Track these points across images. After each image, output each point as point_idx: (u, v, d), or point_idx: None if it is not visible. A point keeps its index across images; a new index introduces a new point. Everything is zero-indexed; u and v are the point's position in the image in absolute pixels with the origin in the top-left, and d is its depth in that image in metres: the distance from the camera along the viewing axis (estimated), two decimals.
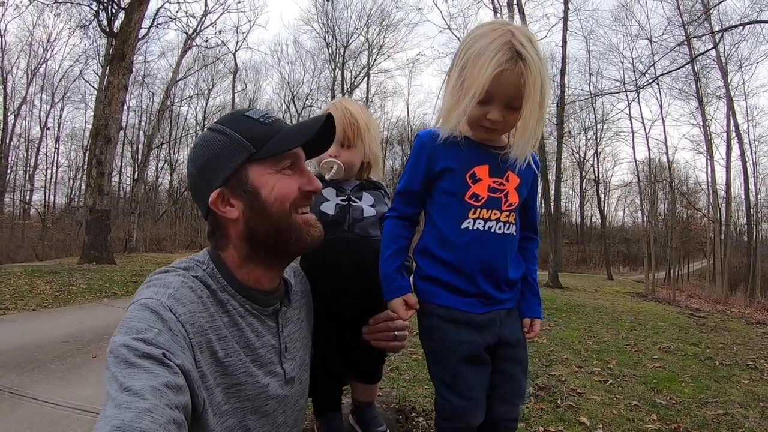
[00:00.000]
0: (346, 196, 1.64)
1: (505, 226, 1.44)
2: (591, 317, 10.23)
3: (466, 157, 1.43)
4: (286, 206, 1.17)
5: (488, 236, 1.42)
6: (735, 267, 24.73)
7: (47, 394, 3.80)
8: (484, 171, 1.43)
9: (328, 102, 1.94)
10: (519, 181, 1.45)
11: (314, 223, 1.25)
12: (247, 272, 1.20)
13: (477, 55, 1.31)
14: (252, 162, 1.15)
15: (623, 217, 49.57)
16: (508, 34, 1.30)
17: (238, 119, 1.20)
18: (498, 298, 1.46)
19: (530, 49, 1.29)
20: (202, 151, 1.19)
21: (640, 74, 21.61)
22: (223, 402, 1.07)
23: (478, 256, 1.42)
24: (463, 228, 1.42)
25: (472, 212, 1.42)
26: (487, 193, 1.42)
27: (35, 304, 7.49)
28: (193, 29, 26.80)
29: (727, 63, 22.86)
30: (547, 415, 4.13)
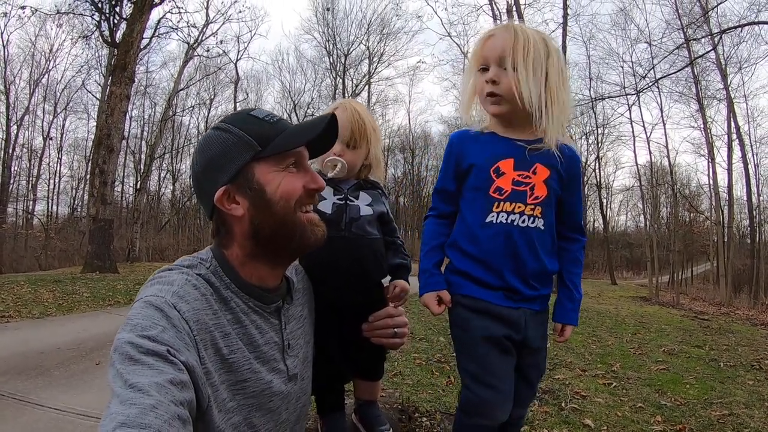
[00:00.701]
0: (343, 195, 1.65)
1: (530, 220, 1.45)
2: (595, 321, 10.20)
3: (490, 152, 1.48)
4: (291, 204, 1.17)
5: (512, 229, 1.44)
6: (738, 269, 24.60)
7: (51, 400, 3.81)
8: (508, 165, 1.45)
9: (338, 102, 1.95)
10: (549, 173, 1.45)
11: (318, 222, 1.25)
12: (250, 270, 1.20)
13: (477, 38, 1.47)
14: (257, 160, 1.16)
15: (626, 222, 49.43)
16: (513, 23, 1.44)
17: (243, 118, 1.20)
18: (525, 294, 1.46)
19: (528, 29, 1.40)
20: (208, 149, 1.19)
21: (640, 78, 21.64)
22: (228, 399, 1.08)
23: (502, 250, 1.45)
24: (488, 221, 1.46)
25: (496, 206, 1.45)
26: (511, 186, 1.44)
27: (39, 312, 7.51)
28: (195, 39, 26.95)
29: (726, 65, 22.83)
30: (552, 418, 4.12)
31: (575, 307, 1.55)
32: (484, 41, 1.45)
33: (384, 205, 1.71)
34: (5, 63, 29.16)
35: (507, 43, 1.39)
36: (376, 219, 1.67)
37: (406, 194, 47.75)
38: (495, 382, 1.44)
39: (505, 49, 1.39)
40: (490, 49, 1.43)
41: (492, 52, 1.42)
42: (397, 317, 1.64)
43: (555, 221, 1.52)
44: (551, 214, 1.49)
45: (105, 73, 25.33)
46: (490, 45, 1.43)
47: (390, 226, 1.74)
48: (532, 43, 1.38)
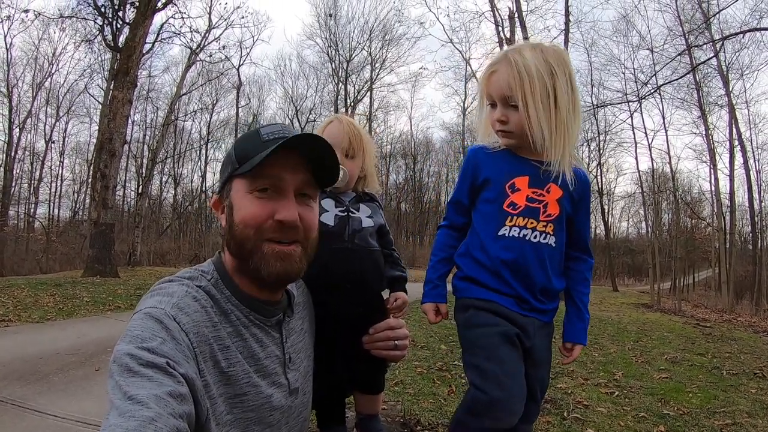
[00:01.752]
0: (345, 207, 1.66)
1: (542, 236, 1.47)
2: (596, 329, 10.16)
3: (507, 168, 1.51)
4: (250, 232, 1.13)
5: (523, 243, 1.47)
6: (740, 276, 24.55)
7: (50, 406, 3.78)
8: (523, 181, 1.49)
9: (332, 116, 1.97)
10: (561, 194, 1.48)
11: (284, 256, 1.15)
12: (239, 280, 1.19)
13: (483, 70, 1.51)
14: (236, 178, 1.17)
15: (627, 228, 49.46)
16: (514, 47, 1.46)
17: (247, 135, 1.22)
18: (533, 305, 1.48)
19: (528, 55, 1.40)
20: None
21: (642, 84, 21.63)
22: (225, 412, 1.06)
23: (513, 262, 1.47)
24: (500, 234, 1.49)
25: (509, 220, 1.49)
26: (525, 202, 1.48)
27: (39, 317, 7.49)
28: (197, 44, 27.05)
29: (728, 71, 22.90)
30: (554, 428, 4.08)
31: (584, 327, 1.58)
32: (488, 77, 1.47)
33: (382, 218, 1.74)
34: (8, 66, 29.39)
35: (511, 80, 1.40)
36: (375, 231, 1.67)
37: (407, 200, 47.82)
38: (506, 379, 1.41)
39: (510, 87, 1.41)
40: (494, 88, 1.45)
41: (497, 90, 1.45)
42: (398, 329, 1.63)
43: (566, 241, 1.56)
44: (562, 233, 1.52)
45: (107, 77, 25.45)
46: (494, 83, 1.45)
47: (387, 239, 1.75)
48: (536, 77, 1.38)
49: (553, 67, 1.41)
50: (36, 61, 31.05)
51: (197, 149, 38.08)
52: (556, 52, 1.45)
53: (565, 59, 1.46)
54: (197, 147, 37.95)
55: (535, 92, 1.37)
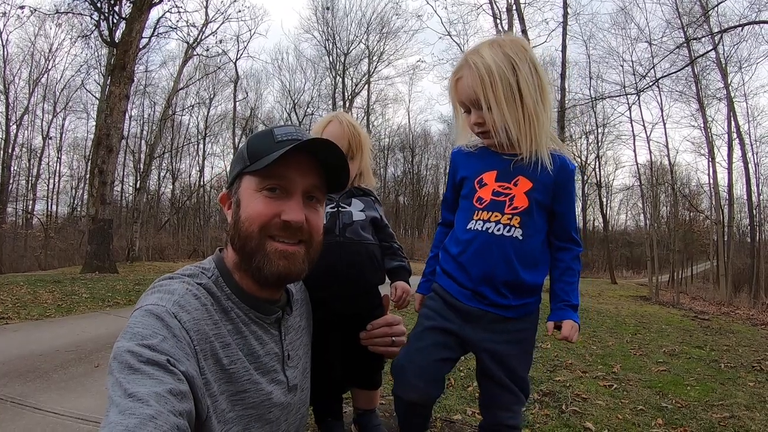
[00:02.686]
0: (335, 204, 1.68)
1: (506, 228, 1.49)
2: (595, 321, 10.20)
3: (478, 165, 1.56)
4: (254, 229, 1.14)
5: (485, 236, 1.50)
6: (738, 268, 24.62)
7: (49, 403, 3.79)
8: (491, 176, 1.52)
9: (329, 110, 1.96)
10: (530, 186, 1.48)
11: (288, 255, 1.16)
12: (240, 278, 1.19)
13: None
14: (246, 175, 1.18)
15: (626, 221, 49.50)
16: (472, 49, 1.50)
17: (261, 133, 1.22)
18: (492, 300, 1.50)
19: (487, 54, 1.44)
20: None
21: (641, 77, 21.61)
22: (227, 409, 1.07)
23: (476, 254, 1.51)
24: (468, 228, 1.54)
25: (476, 214, 1.53)
26: (491, 196, 1.51)
27: (38, 314, 7.49)
28: (194, 39, 26.95)
29: (726, 64, 22.85)
30: (552, 421, 4.10)
31: (569, 306, 1.55)
32: (455, 85, 1.53)
33: (377, 211, 1.74)
34: (4, 62, 29.28)
35: (474, 84, 1.45)
36: (369, 224, 1.69)
37: (406, 193, 47.82)
38: (415, 357, 1.54)
39: (475, 91, 1.45)
40: (463, 95, 1.51)
41: (466, 97, 1.50)
42: (396, 326, 1.64)
43: (545, 233, 1.56)
44: (534, 225, 1.51)
45: (104, 73, 25.29)
46: (461, 90, 1.51)
47: (385, 231, 1.76)
48: (496, 74, 1.41)
49: (514, 59, 1.43)
50: (32, 58, 30.95)
51: (195, 144, 37.99)
52: (514, 43, 1.47)
53: (525, 47, 1.48)
54: (195, 141, 37.88)
55: (497, 91, 1.41)
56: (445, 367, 1.57)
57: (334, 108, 38.52)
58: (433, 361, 1.54)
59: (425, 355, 1.54)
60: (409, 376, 1.54)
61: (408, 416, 1.64)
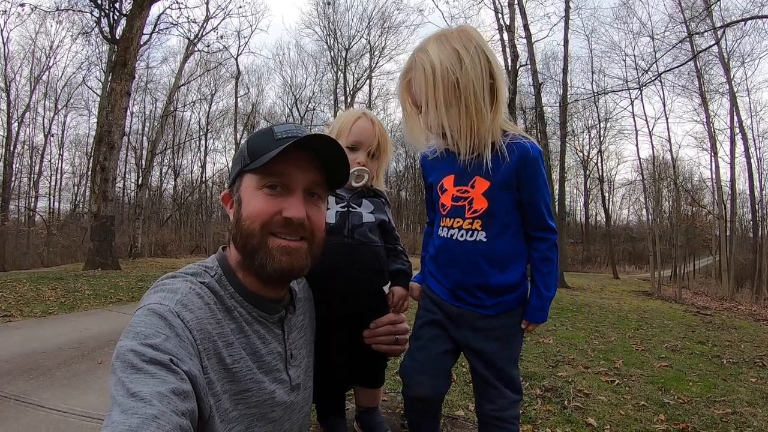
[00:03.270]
0: (345, 203, 1.66)
1: (469, 233, 1.48)
2: (597, 317, 10.19)
3: (439, 170, 1.56)
4: (256, 226, 1.14)
5: (451, 243, 1.51)
6: (741, 264, 24.58)
7: (53, 401, 3.80)
8: (449, 181, 1.51)
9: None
10: (488, 185, 1.45)
11: (290, 251, 1.16)
12: (243, 276, 1.20)
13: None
14: (247, 173, 1.18)
15: (628, 216, 49.51)
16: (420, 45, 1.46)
17: (261, 132, 1.22)
18: (469, 301, 1.52)
19: (432, 50, 1.40)
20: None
21: (643, 72, 21.59)
22: (230, 409, 1.07)
23: (445, 262, 1.54)
24: (438, 234, 1.56)
25: (442, 221, 1.54)
26: (451, 202, 1.51)
27: (41, 311, 7.51)
28: (195, 35, 26.94)
29: (729, 59, 22.79)
30: (554, 416, 4.11)
31: (544, 306, 1.54)
32: (406, 86, 1.50)
33: (386, 214, 1.72)
34: (5, 60, 29.29)
35: (419, 84, 1.41)
36: (377, 227, 1.67)
37: (407, 188, 47.78)
38: (418, 355, 1.57)
39: (420, 92, 1.42)
40: (414, 96, 1.48)
41: (417, 98, 1.46)
42: (399, 324, 1.64)
43: (515, 227, 1.51)
44: (498, 224, 1.47)
45: (105, 70, 25.31)
46: (413, 90, 1.48)
47: (391, 234, 1.74)
48: (439, 74, 1.37)
49: (460, 51, 1.37)
50: (33, 55, 30.98)
51: (197, 140, 38.06)
52: (461, 34, 1.41)
53: (472, 34, 1.42)
54: (196, 137, 37.95)
55: (437, 90, 1.37)
56: (447, 360, 1.58)
57: (335, 103, 38.52)
58: (434, 355, 1.55)
59: (425, 351, 1.56)
60: (414, 373, 1.55)
61: (418, 417, 1.64)
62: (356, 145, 1.68)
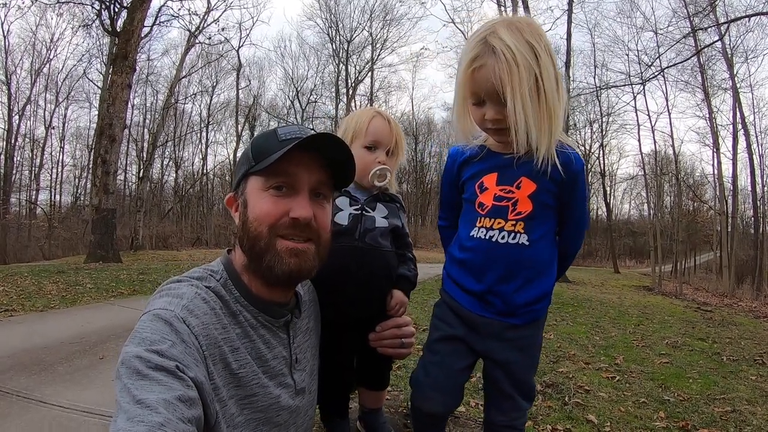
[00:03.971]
0: (360, 206, 1.64)
1: (510, 236, 1.41)
2: (598, 312, 10.21)
3: (479, 167, 1.47)
4: (263, 228, 1.13)
5: (488, 245, 1.43)
6: (742, 260, 24.56)
7: (55, 397, 3.81)
8: (491, 180, 1.43)
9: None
10: (535, 188, 1.39)
11: (298, 253, 1.15)
12: (249, 280, 1.19)
13: (460, 60, 1.37)
14: (252, 175, 1.17)
15: (629, 210, 49.46)
16: (488, 30, 1.29)
17: (265, 134, 1.21)
18: (499, 308, 1.44)
19: (509, 39, 1.25)
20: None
21: (646, 66, 21.51)
22: (236, 414, 1.07)
23: (482, 264, 1.44)
24: (471, 235, 1.46)
25: (479, 221, 1.45)
26: (492, 202, 1.42)
27: (42, 305, 7.51)
28: (196, 27, 26.87)
29: (733, 55, 22.72)
30: (555, 413, 4.12)
31: None
32: (473, 73, 1.31)
33: (400, 219, 1.70)
34: (6, 53, 29.19)
35: (499, 75, 1.25)
36: (389, 232, 1.65)
37: (409, 181, 47.69)
38: (432, 370, 1.52)
39: (500, 82, 1.25)
40: (481, 86, 1.30)
41: (485, 89, 1.30)
42: (405, 327, 1.63)
43: (554, 233, 1.48)
44: (540, 228, 1.43)
45: (106, 62, 25.26)
46: (481, 79, 1.30)
47: (403, 240, 1.71)
48: (522, 65, 1.24)
49: (535, 47, 1.26)
50: (34, 48, 30.91)
51: (198, 132, 38.01)
52: (531, 28, 1.30)
53: (542, 33, 1.32)
54: (198, 130, 37.90)
55: (522, 84, 1.24)
56: (463, 376, 1.53)
57: (337, 95, 38.43)
58: (449, 373, 1.50)
59: (440, 367, 1.51)
60: (426, 389, 1.52)
61: (425, 427, 1.62)
62: (375, 144, 1.66)
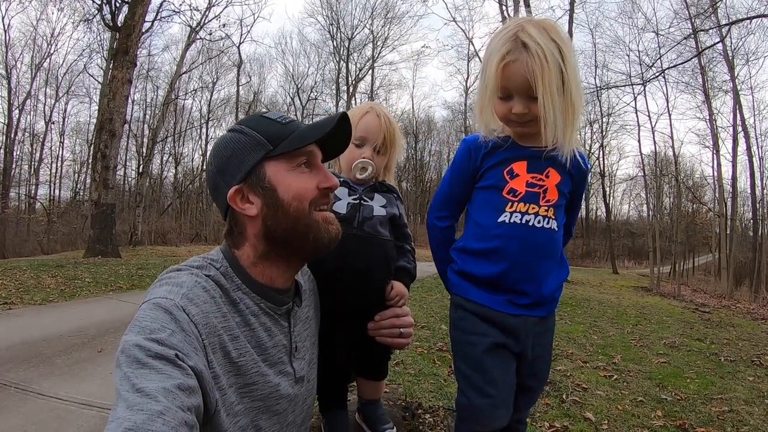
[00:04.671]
0: (358, 195, 1.65)
1: (545, 221, 1.44)
2: (596, 311, 10.22)
3: (505, 155, 1.48)
4: (305, 205, 1.16)
5: (526, 229, 1.43)
6: (740, 262, 24.59)
7: (53, 389, 3.82)
8: (522, 167, 1.45)
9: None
10: (560, 179, 1.44)
11: (332, 220, 1.24)
12: (261, 270, 1.19)
13: (489, 54, 1.38)
14: (269, 159, 1.16)
15: (628, 211, 49.55)
16: (518, 27, 1.34)
17: (256, 119, 1.22)
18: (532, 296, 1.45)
19: (539, 37, 1.30)
20: (222, 150, 1.20)
21: (647, 67, 21.50)
22: (236, 402, 1.07)
23: (516, 249, 1.43)
24: (500, 221, 1.45)
25: (509, 206, 1.44)
26: (525, 188, 1.44)
27: (41, 299, 7.53)
28: (197, 22, 26.79)
29: (733, 57, 22.70)
30: (553, 410, 4.13)
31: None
32: (503, 68, 1.34)
33: (397, 209, 1.71)
34: (6, 47, 29.11)
35: (531, 70, 1.29)
36: (387, 221, 1.66)
37: (408, 179, 47.70)
38: (491, 390, 1.43)
39: (531, 78, 1.30)
40: (514, 80, 1.34)
41: (518, 83, 1.33)
42: (403, 317, 1.63)
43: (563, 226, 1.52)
44: (562, 218, 1.48)
45: (107, 57, 25.24)
46: (511, 74, 1.33)
47: (402, 231, 1.72)
48: (550, 62, 1.28)
49: (561, 47, 1.32)
50: (34, 42, 30.78)
51: (198, 128, 37.95)
52: (555, 29, 1.36)
53: (564, 36, 1.38)
54: (198, 126, 37.82)
55: (551, 80, 1.29)
56: (515, 380, 1.50)
57: (337, 93, 38.41)
58: (508, 386, 1.47)
59: (497, 385, 1.44)
60: (490, 410, 1.44)
61: None
62: (362, 141, 1.67)
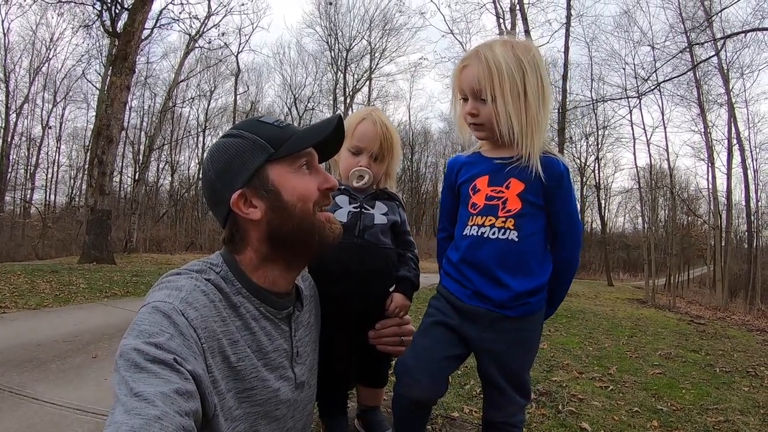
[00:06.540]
0: (359, 203, 1.64)
1: (501, 231, 1.49)
2: (591, 323, 10.22)
3: (472, 172, 1.58)
4: (309, 206, 1.18)
5: (481, 240, 1.50)
6: (735, 274, 24.69)
7: (47, 394, 3.79)
8: (483, 182, 1.54)
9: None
10: (523, 187, 1.48)
11: (333, 219, 1.27)
12: (263, 274, 1.19)
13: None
14: (271, 162, 1.16)
15: (624, 223, 49.71)
16: (484, 43, 1.51)
17: (254, 123, 1.22)
18: (493, 298, 1.48)
19: (499, 50, 1.45)
20: (221, 155, 1.18)
21: (642, 81, 21.63)
22: (234, 407, 1.07)
23: (473, 259, 1.51)
24: (464, 234, 1.55)
25: (470, 219, 1.54)
26: (485, 201, 1.52)
27: (35, 304, 7.48)
28: (196, 31, 26.88)
29: (728, 70, 22.89)
30: (549, 420, 4.13)
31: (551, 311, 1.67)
32: (460, 71, 1.52)
33: (399, 216, 1.70)
34: (5, 51, 29.19)
35: (480, 75, 1.45)
36: (389, 228, 1.66)
37: (404, 190, 47.77)
38: (421, 351, 1.53)
39: (480, 81, 1.45)
40: (465, 82, 1.50)
41: (467, 85, 1.49)
42: (404, 325, 1.64)
43: (543, 233, 1.54)
44: (531, 225, 1.50)
45: (105, 63, 25.27)
46: (464, 77, 1.51)
47: (404, 238, 1.72)
48: (506, 72, 1.42)
49: (523, 62, 1.44)
50: (33, 46, 30.85)
51: (194, 136, 37.95)
52: (525, 47, 1.48)
53: (535, 55, 1.49)
54: (194, 134, 37.83)
55: (504, 87, 1.42)
56: (451, 366, 1.56)
57: (335, 104, 38.48)
58: (439, 359, 1.52)
59: (431, 353, 1.53)
60: (415, 373, 1.52)
61: (408, 416, 1.62)
62: (357, 149, 1.67)
